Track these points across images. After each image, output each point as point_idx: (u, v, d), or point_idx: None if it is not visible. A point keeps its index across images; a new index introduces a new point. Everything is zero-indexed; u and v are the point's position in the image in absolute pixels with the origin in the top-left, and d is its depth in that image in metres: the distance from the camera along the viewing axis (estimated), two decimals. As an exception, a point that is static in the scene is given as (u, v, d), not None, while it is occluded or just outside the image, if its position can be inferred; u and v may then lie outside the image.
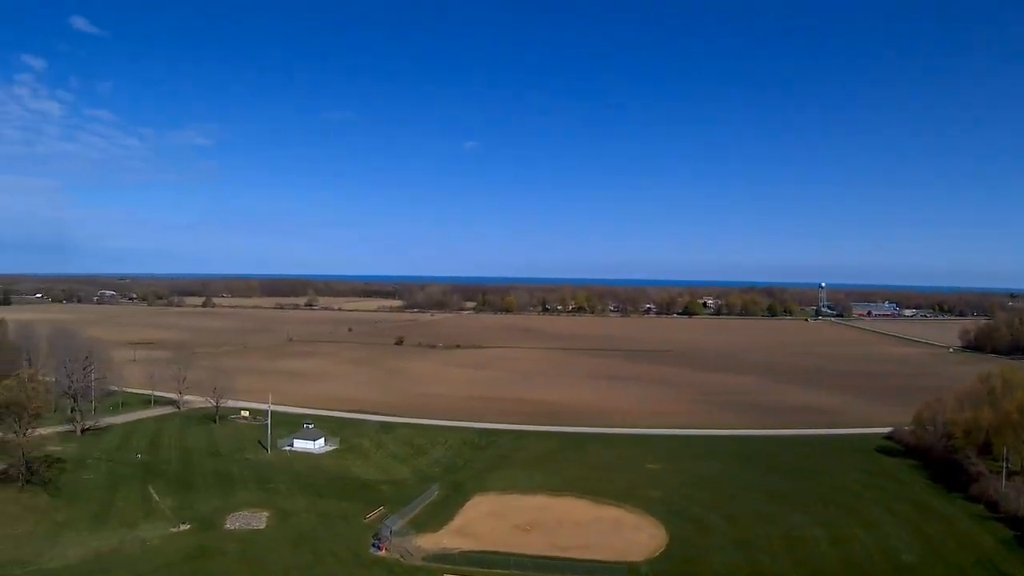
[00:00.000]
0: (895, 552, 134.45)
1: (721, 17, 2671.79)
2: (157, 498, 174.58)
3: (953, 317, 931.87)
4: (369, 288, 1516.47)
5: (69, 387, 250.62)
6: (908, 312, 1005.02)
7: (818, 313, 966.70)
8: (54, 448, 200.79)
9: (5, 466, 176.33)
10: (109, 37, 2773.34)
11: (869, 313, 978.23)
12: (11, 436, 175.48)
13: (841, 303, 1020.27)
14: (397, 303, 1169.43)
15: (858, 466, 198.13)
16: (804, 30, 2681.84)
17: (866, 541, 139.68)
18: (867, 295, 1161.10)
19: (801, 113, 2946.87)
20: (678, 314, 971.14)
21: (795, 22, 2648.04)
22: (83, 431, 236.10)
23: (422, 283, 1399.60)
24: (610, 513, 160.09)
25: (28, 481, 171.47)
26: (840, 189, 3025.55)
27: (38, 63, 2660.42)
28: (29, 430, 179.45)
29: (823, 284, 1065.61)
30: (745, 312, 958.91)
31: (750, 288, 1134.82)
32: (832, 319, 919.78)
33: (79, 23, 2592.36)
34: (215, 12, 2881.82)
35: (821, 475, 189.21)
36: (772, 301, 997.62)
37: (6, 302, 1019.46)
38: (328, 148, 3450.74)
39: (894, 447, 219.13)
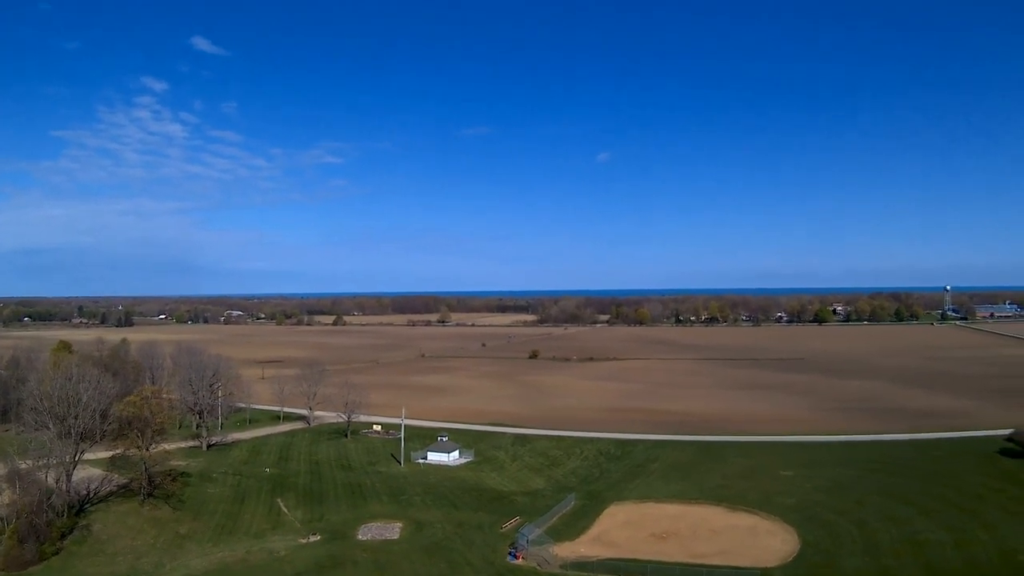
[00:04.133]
0: (1013, 553, 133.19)
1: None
2: (286, 510, 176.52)
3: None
4: (502, 303, 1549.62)
5: (194, 404, 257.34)
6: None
7: (943, 317, 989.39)
8: (178, 463, 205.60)
9: (127, 480, 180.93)
10: (232, 57, 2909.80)
11: (991, 315, 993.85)
12: (133, 451, 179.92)
13: (965, 306, 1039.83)
14: (531, 318, 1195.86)
15: (980, 468, 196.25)
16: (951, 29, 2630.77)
17: (986, 543, 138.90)
18: (991, 297, 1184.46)
19: (924, 117, 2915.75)
20: (809, 322, 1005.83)
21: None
22: (209, 446, 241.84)
23: (555, 297, 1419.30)
24: (745, 520, 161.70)
25: (150, 495, 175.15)
26: (964, 190, 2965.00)
27: (159, 85, 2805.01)
28: (153, 445, 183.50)
29: (948, 287, 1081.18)
30: (873, 318, 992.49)
31: (878, 294, 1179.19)
32: (957, 322, 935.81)
33: (201, 44, 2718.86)
34: (341, 31, 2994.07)
35: (945, 478, 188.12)
36: (899, 306, 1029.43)
37: (128, 323, 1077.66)
38: (460, 164, 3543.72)
39: (1015, 448, 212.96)
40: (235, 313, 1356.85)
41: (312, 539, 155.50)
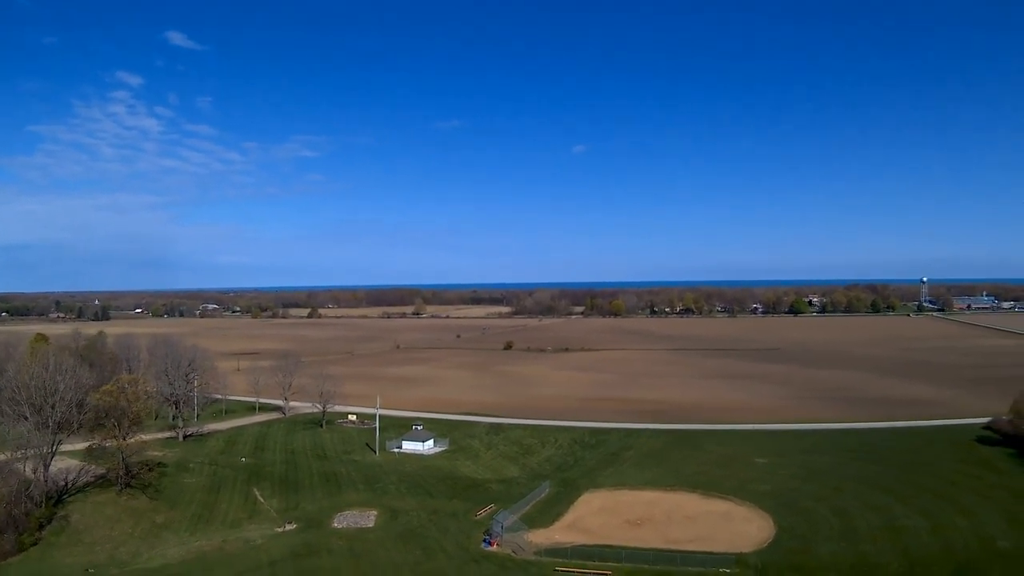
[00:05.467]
0: (991, 539, 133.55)
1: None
2: (262, 499, 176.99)
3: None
4: (477, 295, 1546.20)
5: (171, 394, 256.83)
6: (1006, 304, 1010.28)
7: (920, 308, 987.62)
8: (155, 453, 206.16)
9: (104, 470, 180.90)
10: (207, 51, 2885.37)
11: (968, 307, 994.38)
12: (110, 441, 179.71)
13: (942, 297, 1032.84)
14: (505, 309, 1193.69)
15: (957, 456, 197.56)
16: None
17: (964, 529, 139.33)
18: (968, 288, 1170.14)
19: (900, 111, 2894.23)
20: (784, 313, 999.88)
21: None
22: (185, 437, 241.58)
23: (530, 289, 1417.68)
24: (719, 506, 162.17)
25: (127, 484, 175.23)
26: (942, 182, 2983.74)
27: (134, 80, 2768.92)
28: (129, 435, 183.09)
29: (924, 279, 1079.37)
30: (849, 309, 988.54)
31: (854, 285, 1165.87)
32: (933, 314, 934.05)
33: (176, 38, 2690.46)
34: (315, 25, 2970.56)
35: (922, 465, 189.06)
36: (875, 297, 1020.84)
37: (105, 317, 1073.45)
38: (435, 157, 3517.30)
39: (992, 436, 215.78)
40: (211, 306, 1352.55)
41: (288, 527, 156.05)
